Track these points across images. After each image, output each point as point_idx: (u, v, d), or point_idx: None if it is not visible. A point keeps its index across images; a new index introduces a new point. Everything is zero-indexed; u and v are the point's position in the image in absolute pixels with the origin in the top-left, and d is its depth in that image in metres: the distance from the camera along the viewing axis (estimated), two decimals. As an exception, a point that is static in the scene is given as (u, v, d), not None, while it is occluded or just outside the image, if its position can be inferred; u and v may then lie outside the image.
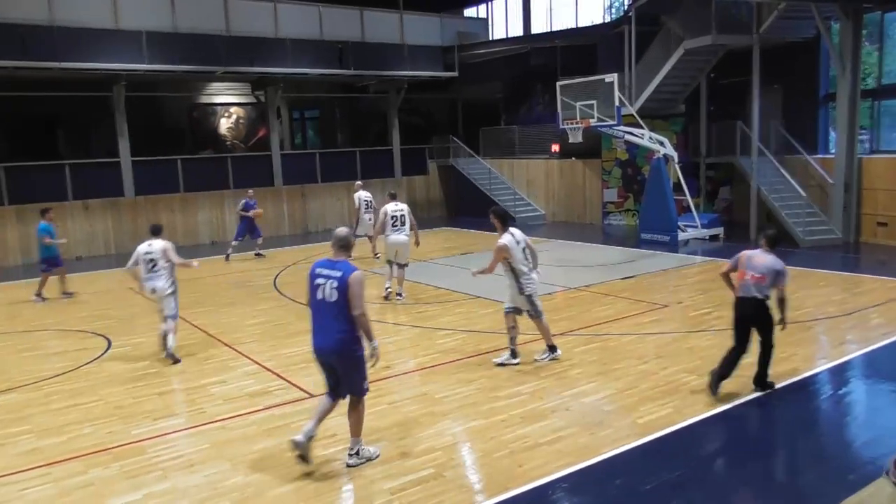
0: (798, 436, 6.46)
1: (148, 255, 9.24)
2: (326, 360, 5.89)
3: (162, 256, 9.22)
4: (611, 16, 24.74)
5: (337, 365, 5.85)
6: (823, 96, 18.59)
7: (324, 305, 5.72)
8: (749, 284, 7.08)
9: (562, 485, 5.55)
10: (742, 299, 7.16)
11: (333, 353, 5.79)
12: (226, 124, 25.36)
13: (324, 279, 5.71)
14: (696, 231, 17.83)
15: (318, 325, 5.80)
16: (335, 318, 5.68)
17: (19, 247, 18.53)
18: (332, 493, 5.54)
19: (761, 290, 7.05)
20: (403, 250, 12.26)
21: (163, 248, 9.24)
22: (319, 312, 5.78)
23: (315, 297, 5.77)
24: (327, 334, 5.74)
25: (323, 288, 5.70)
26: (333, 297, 5.65)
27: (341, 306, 5.64)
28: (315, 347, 5.87)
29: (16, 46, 17.01)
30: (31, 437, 6.79)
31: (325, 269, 5.75)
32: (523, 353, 8.66)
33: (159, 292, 9.26)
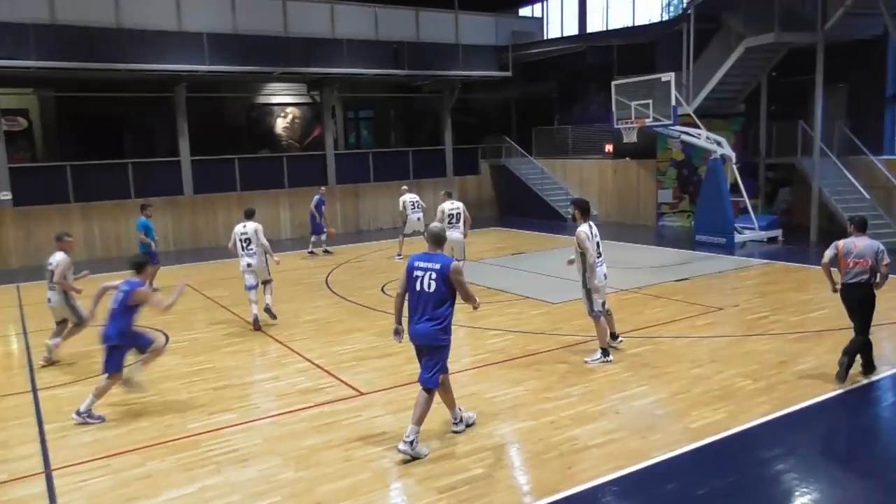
0: (858, 444, 6.26)
1: (244, 235, 10.64)
2: (417, 343, 6.35)
3: (254, 236, 10.59)
4: (668, 14, 24.34)
5: (424, 349, 6.31)
6: (890, 95, 17.98)
7: (424, 295, 6.16)
8: (853, 271, 7.49)
9: (611, 488, 5.49)
10: (849, 285, 7.56)
11: (423, 337, 6.23)
12: (282, 124, 25.78)
13: (422, 271, 6.16)
14: (753, 233, 17.43)
15: (415, 313, 6.22)
16: (434, 307, 6.14)
17: (84, 244, 19.14)
18: (380, 490, 5.59)
19: (865, 274, 7.43)
20: (458, 247, 12.97)
21: (255, 228, 10.62)
22: (419, 303, 6.20)
23: (414, 288, 6.20)
24: (424, 323, 6.17)
25: (422, 280, 6.14)
26: (432, 288, 6.11)
27: (441, 295, 6.10)
28: (412, 333, 6.29)
29: (84, 48, 17.64)
30: (92, 428, 7.02)
31: (424, 262, 6.20)
32: (577, 352, 8.60)
33: (254, 266, 10.69)
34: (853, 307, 7.66)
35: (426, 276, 6.12)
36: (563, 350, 9.06)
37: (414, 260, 6.30)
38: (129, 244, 19.62)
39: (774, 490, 5.49)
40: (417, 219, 16.99)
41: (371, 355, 9.21)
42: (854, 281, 7.49)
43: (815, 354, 8.49)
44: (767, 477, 5.66)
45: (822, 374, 7.77)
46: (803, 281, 12.92)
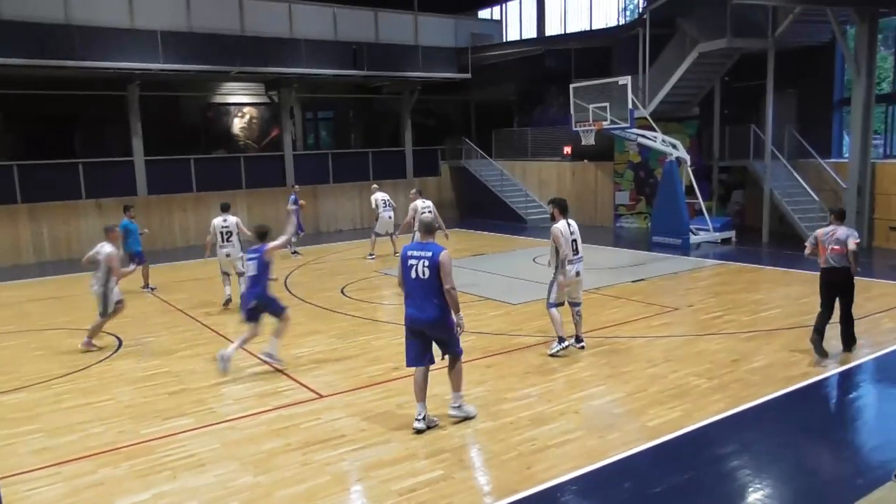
0: (808, 440, 6.42)
1: (225, 228, 11.91)
2: (420, 328, 6.63)
3: (234, 228, 11.91)
4: (625, 18, 24.69)
5: (431, 333, 6.64)
6: (838, 101, 18.49)
7: (418, 283, 6.54)
8: (830, 257, 8.25)
9: (570, 487, 5.54)
10: (827, 270, 8.35)
11: (428, 323, 6.56)
12: (239, 124, 25.47)
13: (416, 259, 6.55)
14: (707, 234, 17.76)
15: (413, 299, 6.61)
16: (428, 292, 6.52)
17: (32, 245, 18.68)
18: (340, 493, 5.55)
19: (842, 261, 8.18)
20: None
21: (235, 221, 11.97)
22: (414, 289, 6.59)
23: (409, 276, 6.59)
24: (423, 307, 6.54)
25: (416, 267, 6.54)
26: (426, 275, 6.49)
27: (433, 282, 6.49)
28: (411, 318, 6.65)
29: (33, 45, 17.18)
30: (42, 435, 6.84)
31: (417, 251, 6.61)
32: (536, 353, 8.67)
33: (232, 257, 11.93)
34: (832, 290, 8.38)
35: (419, 265, 6.51)
36: (522, 351, 9.11)
37: (407, 249, 6.72)
38: (80, 245, 19.18)
39: (729, 486, 5.60)
40: (389, 217, 17.02)
41: (330, 358, 9.15)
42: (832, 266, 8.25)
43: (766, 353, 8.68)
44: (722, 473, 5.76)
45: (773, 373, 7.95)
46: (755, 281, 13.22)
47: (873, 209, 16.55)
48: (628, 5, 25.23)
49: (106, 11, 18.33)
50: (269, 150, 24.56)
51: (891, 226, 16.38)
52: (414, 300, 6.61)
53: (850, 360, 8.49)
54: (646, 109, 18.85)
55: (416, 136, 25.89)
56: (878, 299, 11.28)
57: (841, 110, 18.49)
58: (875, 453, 6.12)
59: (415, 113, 25.81)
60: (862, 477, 5.57)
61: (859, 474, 5.69)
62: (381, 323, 10.90)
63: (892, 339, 9.18)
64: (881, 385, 8.07)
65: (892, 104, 17.59)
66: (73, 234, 19.24)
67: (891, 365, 8.44)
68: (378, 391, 7.78)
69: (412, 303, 6.62)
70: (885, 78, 17.75)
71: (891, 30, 17.33)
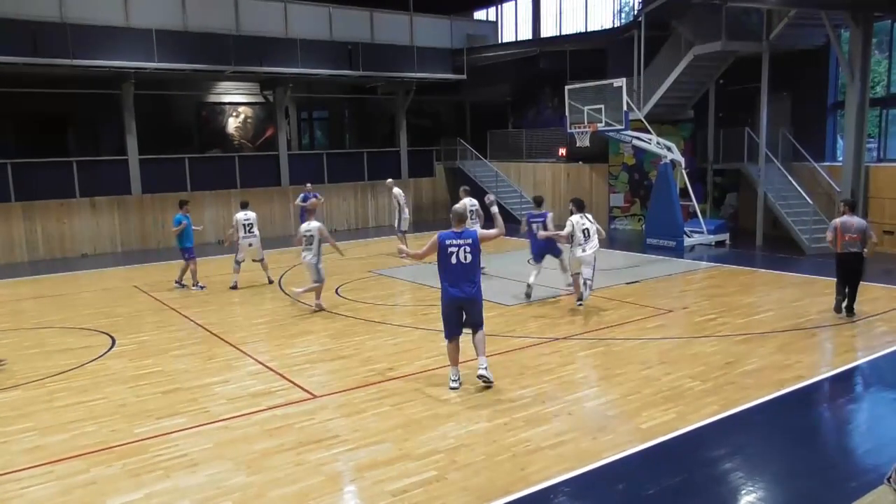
0: (801, 443, 6.43)
1: (247, 221, 13.62)
2: (461, 305, 7.59)
3: (255, 221, 13.63)
4: (620, 21, 24.73)
5: (469, 309, 7.63)
6: (832, 104, 18.55)
7: (460, 267, 7.42)
8: (850, 244, 9.94)
9: (563, 489, 5.54)
10: (845, 254, 10.07)
11: (468, 300, 7.53)
12: (234, 124, 25.42)
13: (456, 246, 7.39)
14: (702, 237, 17.79)
15: (456, 281, 7.47)
16: (469, 274, 7.46)
17: (26, 243, 18.61)
18: (333, 494, 5.54)
19: (857, 246, 9.94)
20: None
21: (255, 216, 13.48)
22: (456, 272, 7.45)
23: (450, 261, 7.42)
24: (465, 287, 7.49)
25: (457, 254, 7.39)
26: (468, 259, 7.40)
27: (474, 264, 7.43)
28: (454, 297, 7.53)
29: (27, 43, 17.12)
30: (34, 434, 6.81)
31: (455, 239, 7.43)
32: (530, 355, 8.68)
33: (254, 246, 13.82)
34: (849, 270, 10.18)
35: (461, 251, 7.37)
36: (516, 352, 9.12)
37: (445, 237, 7.44)
38: (73, 244, 19.21)
39: (722, 488, 5.61)
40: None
41: (324, 358, 9.14)
42: (851, 251, 10.00)
43: (760, 356, 8.70)
44: (715, 476, 5.78)
45: (767, 375, 7.97)
46: (749, 284, 13.25)
47: (867, 213, 16.59)
48: (623, 7, 25.27)
49: (100, 9, 18.26)
50: (264, 150, 24.53)
51: (884, 229, 16.43)
52: (455, 282, 7.46)
53: (845, 363, 8.53)
54: (640, 112, 18.88)
55: (411, 136, 25.89)
56: (872, 303, 11.32)
57: (835, 114, 18.55)
58: (868, 456, 6.13)
59: (410, 113, 25.82)
60: (855, 480, 5.59)
61: (852, 477, 5.70)
62: (374, 323, 10.89)
63: (885, 342, 9.21)
64: (874, 388, 8.10)
65: (886, 108, 17.65)
66: (67, 232, 19.19)
67: (884, 368, 8.47)
68: (372, 391, 7.77)
69: (453, 284, 7.47)
70: (879, 82, 17.82)
71: (885, 33, 17.39)
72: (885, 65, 17.74)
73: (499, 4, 29.30)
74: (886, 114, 17.69)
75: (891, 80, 17.56)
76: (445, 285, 7.55)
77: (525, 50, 24.97)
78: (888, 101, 17.58)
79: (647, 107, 19.21)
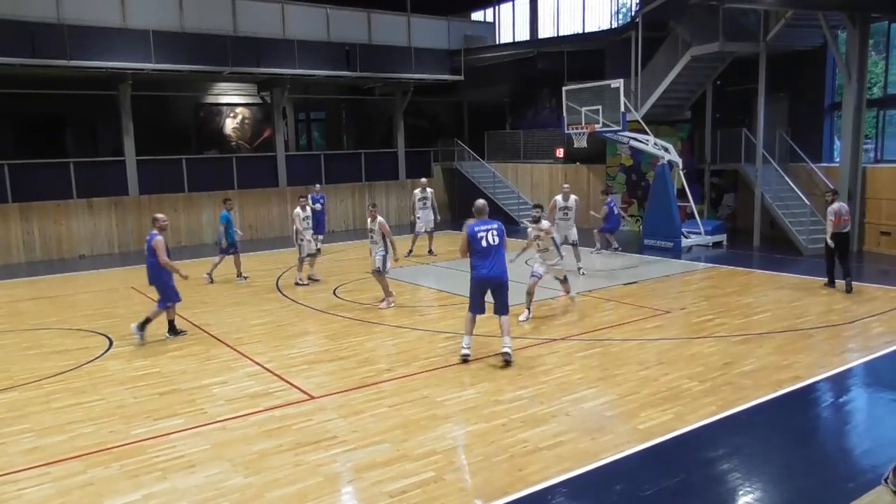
0: (798, 443, 6.44)
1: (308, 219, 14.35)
2: (490, 285, 8.49)
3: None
4: (618, 21, 24.74)
5: (497, 291, 8.51)
6: (829, 105, 18.58)
7: (489, 248, 8.39)
8: (843, 225, 12.05)
9: (561, 490, 5.54)
10: (842, 234, 12.06)
11: (497, 279, 8.44)
12: (231, 125, 25.42)
13: (484, 231, 8.41)
14: (699, 238, 17.80)
15: (485, 262, 8.41)
16: (498, 254, 8.43)
17: (23, 244, 18.59)
18: (331, 495, 5.54)
19: (847, 227, 12.22)
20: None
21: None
22: (487, 254, 8.39)
23: (480, 244, 8.37)
24: (495, 267, 8.42)
25: (485, 237, 8.38)
26: (496, 241, 8.41)
27: (501, 247, 8.45)
28: (483, 277, 8.44)
29: (24, 44, 17.10)
30: (32, 435, 6.80)
31: (483, 226, 8.46)
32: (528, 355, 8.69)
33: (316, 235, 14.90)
34: (844, 247, 12.15)
35: (488, 234, 8.38)
36: (514, 353, 9.10)
37: (472, 227, 8.44)
38: (70, 245, 19.18)
39: (720, 489, 5.62)
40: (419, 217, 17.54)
41: (322, 359, 9.13)
42: (845, 231, 12.13)
43: (758, 356, 8.71)
44: (713, 476, 5.78)
45: (764, 376, 7.98)
46: (746, 285, 13.26)
47: (864, 213, 16.64)
48: (621, 8, 25.29)
49: (98, 11, 18.24)
50: (262, 151, 24.53)
51: (881, 230, 16.47)
52: (486, 263, 8.37)
53: (842, 363, 8.55)
54: (638, 112, 18.90)
55: (409, 137, 25.90)
56: (869, 304, 11.35)
57: (832, 114, 18.57)
58: (865, 457, 6.14)
59: (407, 114, 25.82)
60: (852, 480, 5.59)
61: (850, 478, 5.71)
62: (372, 324, 10.89)
63: (882, 343, 9.23)
64: (871, 389, 8.10)
65: (883, 109, 17.67)
66: (64, 233, 19.16)
67: (881, 369, 8.48)
68: (370, 392, 7.77)
69: (483, 265, 8.38)
70: (876, 83, 17.84)
71: (882, 34, 17.42)
72: (882, 66, 17.76)
73: (496, 5, 29.31)
74: (883, 115, 17.71)
75: (888, 80, 17.58)
76: (475, 266, 8.46)
77: (522, 51, 24.99)
78: (885, 101, 17.60)
79: (644, 108, 19.23)
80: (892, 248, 16.13)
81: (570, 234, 14.42)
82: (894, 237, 16.20)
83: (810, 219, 16.61)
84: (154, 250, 10.12)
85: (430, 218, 17.54)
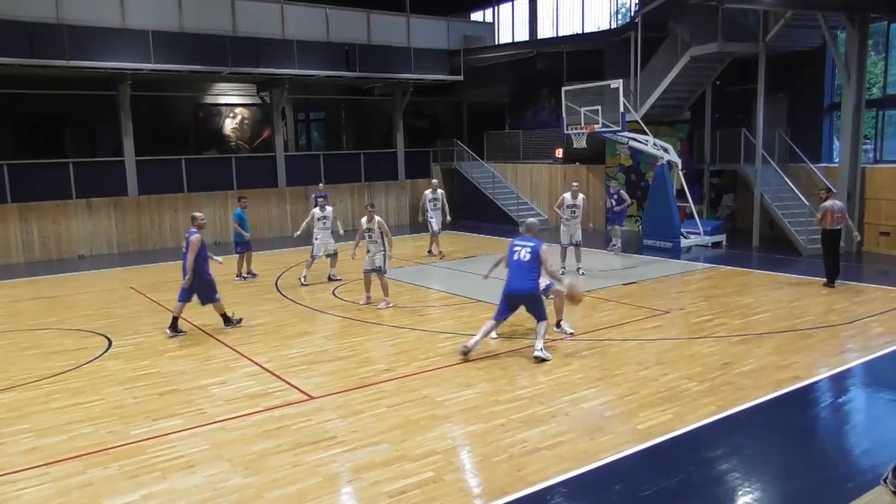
0: (798, 443, 6.44)
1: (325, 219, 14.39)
2: (517, 299, 8.87)
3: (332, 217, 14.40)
4: (617, 22, 24.75)
5: (526, 301, 8.87)
6: (828, 105, 18.58)
7: (520, 264, 8.81)
8: (835, 222, 12.38)
9: (561, 490, 5.54)
10: (833, 231, 12.44)
11: (525, 293, 8.80)
12: (230, 125, 25.41)
13: (520, 247, 8.89)
14: (698, 238, 17.80)
15: (515, 276, 8.84)
16: (526, 271, 8.78)
17: (22, 245, 18.58)
18: (330, 495, 5.53)
19: (840, 224, 12.44)
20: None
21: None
22: (517, 269, 8.83)
23: (512, 259, 8.87)
24: (522, 282, 8.79)
25: (519, 253, 8.85)
26: (527, 258, 8.80)
27: (532, 265, 8.77)
28: (511, 291, 8.86)
29: (23, 44, 17.09)
30: (31, 436, 6.80)
31: (522, 242, 8.97)
32: (527, 355, 8.70)
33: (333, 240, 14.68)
34: (836, 244, 12.52)
35: (523, 251, 8.82)
36: (513, 353, 9.12)
37: (514, 242, 9.03)
38: (69, 245, 19.17)
39: (719, 489, 5.62)
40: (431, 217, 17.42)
41: (321, 359, 9.13)
42: (836, 228, 12.42)
43: (757, 356, 8.71)
44: (712, 476, 5.78)
45: (764, 376, 7.99)
46: (746, 285, 13.26)
47: (863, 214, 16.64)
48: (620, 8, 25.30)
49: (97, 11, 18.24)
50: (261, 151, 24.52)
51: (881, 230, 16.48)
52: (515, 277, 8.81)
53: (841, 363, 8.55)
54: (637, 113, 18.90)
55: (408, 137, 25.90)
56: (868, 304, 11.35)
57: (831, 115, 18.58)
58: (864, 457, 6.14)
59: (407, 114, 25.82)
60: (852, 480, 5.60)
61: (849, 478, 5.71)
62: (371, 324, 10.89)
63: (881, 343, 9.23)
64: (870, 389, 8.10)
65: (882, 109, 17.68)
66: (63, 233, 19.15)
67: (880, 369, 8.48)
68: (369, 393, 7.77)
69: (514, 278, 8.81)
70: (876, 83, 17.85)
71: (881, 35, 17.43)
72: (881, 66, 17.78)
73: (495, 5, 29.32)
74: (883, 115, 17.72)
75: (887, 81, 17.60)
76: (508, 278, 8.93)
77: (522, 51, 25.00)
78: (884, 102, 17.61)
79: (643, 108, 19.23)
80: (892, 248, 16.13)
81: (576, 234, 14.38)
82: (893, 237, 16.21)
83: (809, 219, 16.58)
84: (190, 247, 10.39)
85: (439, 219, 17.47)
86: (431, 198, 17.46)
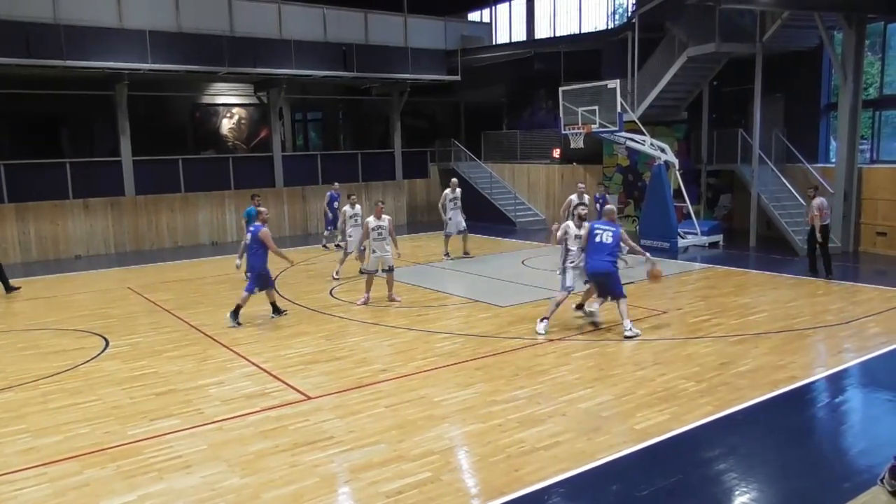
0: (794, 443, 6.45)
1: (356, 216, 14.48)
2: (598, 278, 9.82)
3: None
4: (614, 22, 24.78)
5: (605, 280, 9.75)
6: (825, 106, 18.61)
7: (602, 245, 9.68)
8: (824, 217, 13.24)
9: (558, 490, 5.54)
10: (823, 226, 13.20)
11: (603, 272, 9.70)
12: (228, 125, 25.38)
13: (601, 231, 9.74)
14: (695, 238, 17.83)
15: (596, 257, 9.70)
16: (608, 253, 9.68)
17: (19, 244, 18.55)
18: (327, 495, 5.53)
19: (827, 219, 13.36)
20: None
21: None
22: (598, 250, 9.70)
23: (594, 241, 9.73)
24: (603, 263, 9.68)
25: (601, 235, 9.71)
26: (609, 241, 9.68)
27: (613, 246, 9.69)
28: (593, 270, 9.79)
29: (20, 44, 17.05)
30: (28, 436, 6.79)
31: (603, 226, 9.83)
32: (524, 356, 8.70)
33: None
34: (826, 238, 13.34)
35: (604, 234, 9.69)
36: (510, 353, 9.12)
37: (594, 226, 9.85)
38: (66, 245, 19.15)
39: (716, 489, 5.62)
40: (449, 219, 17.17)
41: (319, 359, 9.13)
42: (825, 224, 13.26)
43: (754, 356, 8.72)
44: (709, 476, 5.78)
45: (761, 376, 8.00)
46: (743, 285, 13.28)
47: (860, 214, 16.67)
48: (617, 9, 25.33)
49: (94, 11, 18.20)
50: (258, 151, 24.49)
51: (877, 230, 16.51)
52: (596, 257, 9.66)
53: (838, 364, 8.57)
54: (634, 113, 18.91)
55: (406, 137, 25.89)
56: (865, 304, 11.38)
57: (828, 115, 18.61)
58: (861, 457, 6.15)
59: (404, 114, 25.81)
60: (848, 480, 5.60)
61: (845, 478, 5.72)
62: (369, 325, 10.89)
63: (877, 343, 9.25)
64: (867, 389, 8.12)
65: (879, 109, 17.71)
66: (60, 233, 19.12)
67: (876, 369, 8.50)
68: (366, 393, 7.76)
69: (595, 259, 9.68)
70: (872, 83, 17.88)
71: (878, 35, 17.45)
72: (878, 66, 17.81)
73: (493, 6, 29.33)
74: (879, 115, 17.75)
75: (884, 81, 17.63)
76: (588, 259, 9.79)
77: (519, 51, 25.02)
78: (881, 102, 17.64)
79: (640, 108, 19.25)
80: (888, 249, 16.17)
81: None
82: (890, 237, 16.24)
83: (806, 219, 16.61)
84: (262, 241, 11.02)
85: (459, 219, 17.14)
86: (451, 197, 17.28)
